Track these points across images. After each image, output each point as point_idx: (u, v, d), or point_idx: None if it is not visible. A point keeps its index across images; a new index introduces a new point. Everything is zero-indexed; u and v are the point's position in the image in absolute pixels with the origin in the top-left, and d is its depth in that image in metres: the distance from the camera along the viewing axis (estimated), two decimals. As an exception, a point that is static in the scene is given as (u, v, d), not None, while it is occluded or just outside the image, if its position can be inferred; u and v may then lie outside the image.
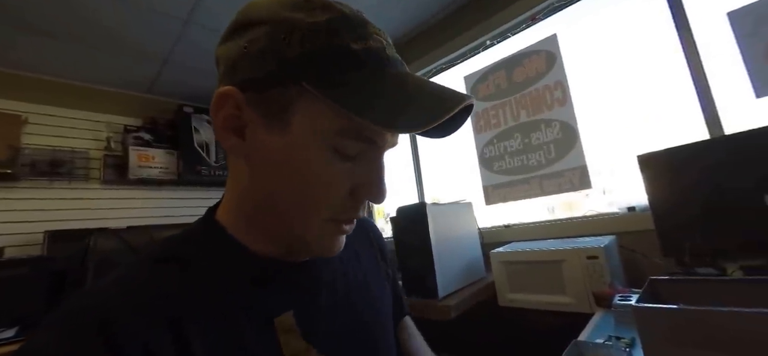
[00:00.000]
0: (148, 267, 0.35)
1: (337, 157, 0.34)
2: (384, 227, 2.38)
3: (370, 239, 0.57)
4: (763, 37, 1.10)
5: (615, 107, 1.43)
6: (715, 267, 0.94)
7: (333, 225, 0.36)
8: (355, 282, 0.47)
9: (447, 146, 2.03)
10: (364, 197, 0.36)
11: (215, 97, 0.33)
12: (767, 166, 0.89)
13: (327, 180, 0.34)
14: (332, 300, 0.42)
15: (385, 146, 0.36)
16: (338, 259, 0.46)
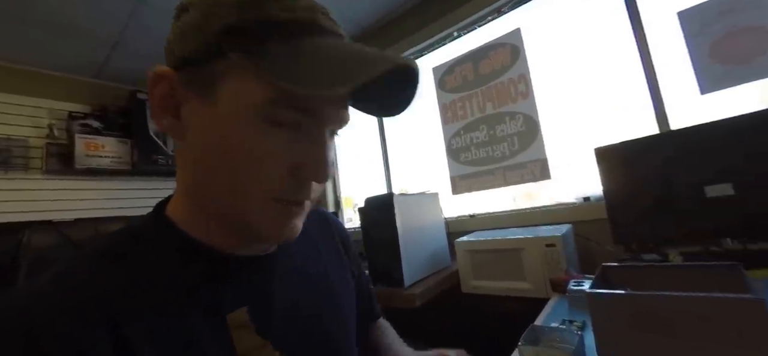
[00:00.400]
0: (89, 263, 0.33)
1: (272, 130, 0.32)
2: (353, 217, 2.37)
3: (333, 233, 0.56)
4: (709, 37, 1.18)
5: (574, 101, 1.49)
6: (659, 253, 1.01)
7: (279, 206, 0.34)
8: (315, 276, 0.46)
9: (416, 137, 2.03)
10: (307, 175, 0.34)
11: (149, 78, 0.34)
12: (709, 160, 0.96)
13: (260, 154, 0.32)
14: (290, 295, 0.41)
15: (327, 121, 0.35)
16: (298, 254, 0.45)
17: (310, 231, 0.50)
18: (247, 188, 0.33)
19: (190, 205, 0.37)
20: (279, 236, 0.36)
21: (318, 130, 0.34)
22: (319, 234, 0.52)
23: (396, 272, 1.24)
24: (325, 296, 0.46)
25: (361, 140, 2.30)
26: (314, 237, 0.51)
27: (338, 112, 0.35)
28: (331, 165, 0.35)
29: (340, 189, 2.46)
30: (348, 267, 0.55)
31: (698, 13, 1.20)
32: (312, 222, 0.52)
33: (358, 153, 2.36)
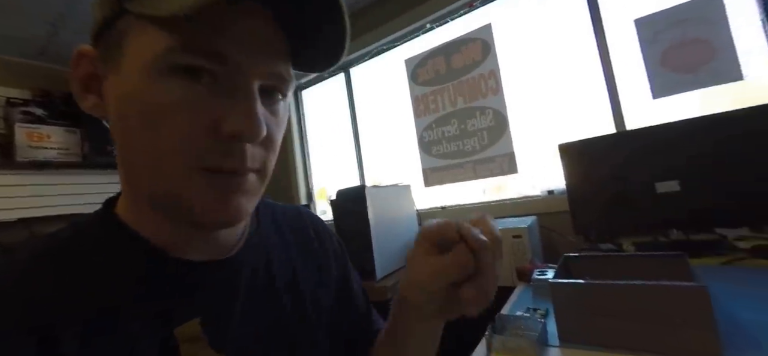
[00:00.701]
0: (20, 267, 0.29)
1: (180, 82, 0.27)
2: (327, 209, 2.34)
3: (311, 239, 0.49)
4: (661, 44, 1.27)
5: (540, 98, 1.55)
6: (614, 244, 1.08)
7: (210, 178, 0.29)
8: (283, 285, 0.41)
9: (389, 129, 2.03)
10: (230, 130, 0.28)
11: (71, 58, 0.31)
12: (659, 159, 1.04)
13: (169, 111, 0.27)
14: (251, 305, 0.37)
15: (250, 71, 0.29)
16: (263, 259, 0.41)
17: (285, 234, 0.46)
18: (164, 155, 0.28)
19: (132, 197, 0.33)
20: (216, 216, 0.30)
21: (241, 81, 0.29)
22: (295, 238, 0.47)
23: (368, 264, 1.25)
24: (293, 308, 0.41)
25: (335, 130, 2.27)
26: (289, 242, 0.45)
27: (262, 62, 0.30)
28: (261, 123, 0.29)
29: (312, 180, 2.42)
30: (331, 280, 0.48)
31: (652, 21, 1.28)
32: (290, 225, 0.47)
33: (331, 144, 2.33)
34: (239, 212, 0.31)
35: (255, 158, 0.31)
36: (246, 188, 0.31)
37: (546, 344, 0.63)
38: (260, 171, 0.32)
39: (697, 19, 1.21)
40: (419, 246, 0.34)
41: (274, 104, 0.32)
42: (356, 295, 0.52)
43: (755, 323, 0.58)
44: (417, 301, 0.36)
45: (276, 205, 0.49)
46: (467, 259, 0.31)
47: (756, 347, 0.51)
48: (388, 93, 2.02)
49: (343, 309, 0.48)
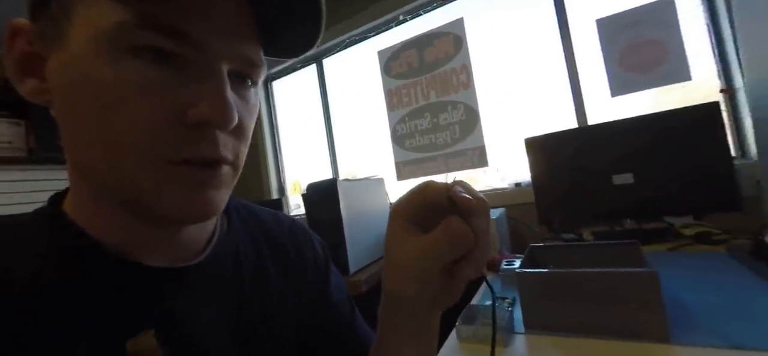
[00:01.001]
0: None
1: (141, 63, 0.24)
2: (300, 203, 2.30)
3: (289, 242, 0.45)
4: (619, 44, 1.34)
5: (509, 94, 1.60)
6: (575, 233, 1.14)
7: (174, 169, 0.26)
8: (253, 291, 0.37)
9: (362, 122, 2.02)
10: (199, 117, 0.25)
11: (4, 35, 0.27)
12: (615, 153, 1.11)
13: (131, 97, 0.24)
14: (218, 313, 0.33)
15: (219, 54, 0.27)
16: (230, 264, 0.36)
17: (259, 240, 0.41)
18: (124, 146, 0.25)
19: (82, 193, 0.30)
20: (185, 212, 0.27)
21: (209, 64, 0.26)
22: (269, 245, 0.42)
23: (341, 258, 1.24)
24: (264, 321, 0.37)
25: (307, 123, 2.23)
26: (263, 248, 0.41)
27: (231, 44, 0.27)
28: (233, 108, 0.26)
29: (284, 174, 2.37)
30: (307, 290, 0.44)
31: (612, 22, 1.35)
32: (265, 230, 0.44)
33: (303, 136, 2.29)
34: (211, 207, 0.28)
35: (227, 148, 0.28)
36: (218, 181, 0.28)
37: (513, 331, 0.65)
38: (233, 163, 0.30)
39: (652, 21, 1.28)
40: (395, 226, 0.30)
41: (244, 91, 0.30)
42: (336, 305, 0.47)
43: (697, 303, 0.63)
44: (406, 294, 0.31)
45: (252, 207, 0.45)
46: (465, 230, 0.26)
47: (697, 326, 0.56)
48: (361, 85, 2.00)
49: (321, 319, 0.44)
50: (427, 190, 0.29)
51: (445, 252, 0.27)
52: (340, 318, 0.47)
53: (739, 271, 0.75)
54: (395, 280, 0.31)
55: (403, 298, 0.32)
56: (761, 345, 0.49)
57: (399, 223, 0.30)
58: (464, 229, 0.26)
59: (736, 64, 1.15)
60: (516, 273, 0.68)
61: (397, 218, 0.30)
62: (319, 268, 0.47)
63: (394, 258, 0.31)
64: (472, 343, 0.65)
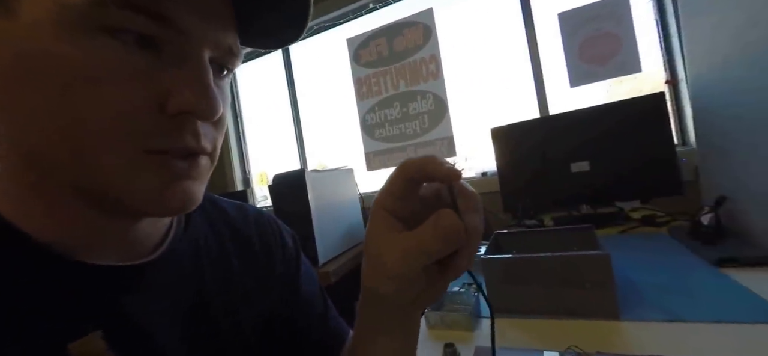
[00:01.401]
0: None
1: (115, 44, 0.22)
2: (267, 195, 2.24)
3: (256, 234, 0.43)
4: (578, 38, 1.40)
5: (477, 84, 1.63)
6: (537, 219, 1.20)
7: (152, 160, 0.24)
8: (214, 288, 0.35)
9: (331, 111, 1.99)
10: (182, 106, 0.24)
11: None
12: (573, 142, 1.17)
13: (103, 78, 0.22)
14: (174, 313, 0.31)
15: (200, 40, 0.25)
16: (190, 260, 0.34)
17: (222, 234, 0.39)
18: (93, 134, 0.22)
19: (17, 181, 0.26)
20: (163, 206, 0.25)
21: (190, 50, 0.25)
22: (234, 238, 0.41)
23: (310, 250, 1.23)
24: (227, 320, 0.35)
25: (274, 111, 2.16)
26: (226, 242, 0.39)
27: (213, 30, 0.26)
28: (217, 97, 0.25)
29: (249, 165, 2.29)
30: (274, 283, 0.42)
31: (572, 16, 1.40)
32: (229, 222, 0.41)
33: (270, 126, 2.21)
34: (190, 200, 0.27)
35: (207, 138, 0.27)
36: (197, 173, 0.27)
37: (479, 316, 0.68)
38: (210, 154, 0.28)
39: (608, 15, 1.35)
40: (377, 219, 0.28)
41: (220, 80, 0.29)
42: (308, 297, 0.45)
43: (643, 282, 0.69)
44: (384, 292, 0.29)
45: (215, 198, 0.43)
46: (459, 226, 0.24)
47: (643, 302, 0.61)
48: (330, 73, 1.96)
49: (291, 311, 0.43)
50: (408, 167, 0.27)
51: (433, 250, 0.25)
52: (311, 310, 0.45)
53: (679, 250, 0.82)
54: (374, 278, 0.29)
55: (381, 296, 0.30)
56: (698, 317, 0.54)
57: (381, 215, 0.28)
58: (458, 225, 0.24)
59: (680, 57, 1.24)
60: (482, 259, 0.70)
61: (379, 209, 0.28)
62: (289, 260, 0.45)
63: (374, 255, 0.28)
64: (440, 329, 0.66)
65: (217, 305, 0.35)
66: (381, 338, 0.33)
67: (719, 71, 0.86)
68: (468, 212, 0.25)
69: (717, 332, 0.51)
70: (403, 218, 0.28)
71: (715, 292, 0.61)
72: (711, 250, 0.75)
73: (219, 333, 0.34)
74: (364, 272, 0.31)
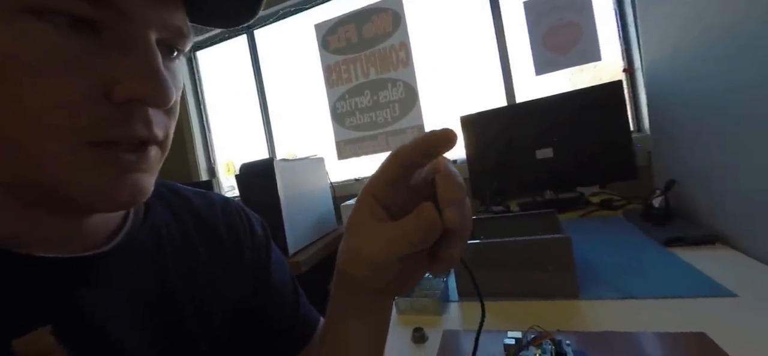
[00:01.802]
0: None
1: (52, 28, 0.21)
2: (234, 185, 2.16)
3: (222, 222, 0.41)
4: (543, 27, 1.43)
5: (447, 73, 1.64)
6: (503, 205, 1.23)
7: (99, 152, 0.23)
8: (178, 280, 0.34)
9: (301, 99, 1.94)
10: (130, 93, 0.22)
11: None
12: (538, 129, 1.20)
13: (44, 68, 0.21)
14: (134, 306, 0.30)
15: (144, 22, 0.23)
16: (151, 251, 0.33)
17: (186, 223, 0.38)
18: (33, 126, 0.21)
19: None
20: (111, 200, 0.24)
21: (135, 32, 0.23)
22: (199, 228, 0.39)
23: (279, 240, 1.20)
24: (194, 312, 0.34)
25: (240, 99, 2.07)
26: (190, 232, 0.38)
27: (158, 10, 0.24)
28: (169, 83, 0.24)
29: (214, 154, 2.19)
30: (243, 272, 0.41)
31: (537, 5, 1.43)
32: (194, 211, 0.40)
33: (236, 114, 2.12)
34: (140, 192, 0.26)
35: (159, 126, 0.25)
36: (147, 164, 0.26)
37: (447, 300, 0.69)
38: (162, 143, 0.27)
39: (570, 5, 1.39)
40: (364, 206, 0.28)
41: (170, 62, 0.27)
42: (278, 286, 0.44)
43: (600, 262, 0.72)
44: (358, 276, 0.28)
45: (177, 187, 0.41)
46: (436, 221, 0.24)
47: (600, 282, 0.65)
48: (298, 60, 1.90)
49: (262, 300, 0.42)
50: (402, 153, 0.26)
51: (415, 242, 0.24)
52: (282, 298, 0.44)
53: (633, 232, 0.87)
54: (351, 262, 0.29)
55: (355, 280, 0.29)
56: (648, 294, 0.58)
57: (368, 202, 0.27)
58: (436, 221, 0.24)
59: (637, 47, 1.30)
60: (450, 246, 0.71)
61: (367, 196, 0.28)
62: (259, 248, 0.44)
63: (355, 241, 0.28)
64: (409, 314, 0.67)
65: (182, 294, 0.34)
66: (353, 320, 0.33)
67: (669, 61, 0.91)
68: (448, 205, 0.24)
69: (664, 307, 0.54)
70: (389, 206, 0.27)
71: (663, 270, 0.66)
72: (661, 231, 0.80)
73: (184, 322, 0.33)
74: (340, 255, 0.30)
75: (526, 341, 0.47)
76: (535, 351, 0.45)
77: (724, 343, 0.43)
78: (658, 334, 0.47)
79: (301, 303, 0.46)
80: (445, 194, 0.25)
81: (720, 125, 0.73)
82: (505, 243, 0.66)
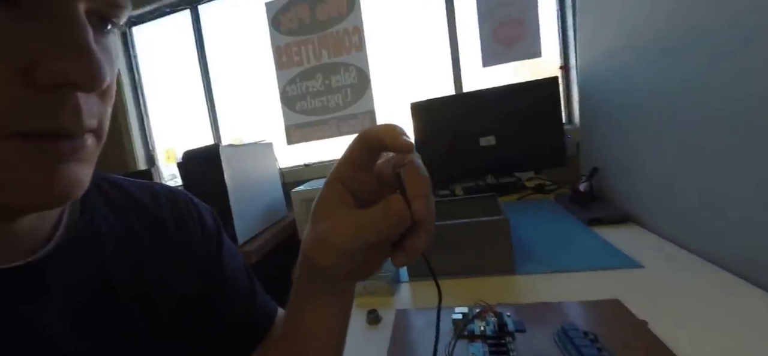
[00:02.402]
0: None
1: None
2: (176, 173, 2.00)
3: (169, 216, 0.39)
4: (493, 21, 1.50)
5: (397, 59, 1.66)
6: (449, 189, 1.30)
7: (25, 144, 0.20)
8: (123, 283, 0.32)
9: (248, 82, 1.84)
10: (56, 76, 0.19)
11: None
12: (482, 117, 1.27)
13: None
14: (73, 306, 0.28)
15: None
16: (90, 254, 0.30)
17: (128, 218, 0.35)
18: None
19: None
20: (43, 197, 0.22)
21: (61, 4, 0.20)
22: (143, 224, 0.36)
23: (228, 230, 1.14)
24: (143, 315, 0.32)
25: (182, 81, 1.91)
26: (134, 229, 0.35)
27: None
28: (101, 62, 0.20)
29: (153, 140, 2.01)
30: (194, 268, 0.39)
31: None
32: (136, 205, 0.37)
33: (177, 97, 1.96)
34: (76, 186, 0.23)
35: (91, 113, 0.22)
36: (82, 154, 0.22)
37: (399, 281, 0.72)
38: (97, 131, 0.24)
39: (518, 2, 1.47)
40: (331, 191, 0.28)
41: (103, 37, 0.23)
42: (233, 277, 0.43)
43: (533, 240, 0.80)
44: (325, 263, 0.28)
45: (116, 179, 0.38)
46: (406, 214, 0.24)
47: (532, 258, 0.72)
48: (247, 40, 1.80)
49: (215, 293, 0.40)
50: (367, 136, 0.26)
51: (383, 232, 0.25)
52: (237, 290, 0.43)
53: (562, 213, 0.97)
54: (317, 249, 0.29)
55: (319, 266, 0.29)
56: (574, 267, 0.65)
57: (336, 188, 0.28)
58: (405, 213, 0.24)
59: (573, 47, 1.42)
60: (401, 230, 0.74)
61: (335, 182, 0.28)
62: (210, 239, 0.42)
63: (322, 227, 0.28)
64: (363, 297, 0.69)
65: (126, 292, 0.31)
66: (317, 305, 0.33)
67: (600, 62, 1.01)
68: (416, 198, 0.25)
69: (586, 278, 0.62)
70: (356, 191, 0.28)
71: (586, 246, 0.74)
72: (585, 212, 0.90)
73: (129, 320, 0.31)
74: (306, 240, 0.30)
75: (472, 315, 0.51)
76: (480, 324, 0.49)
77: (633, 307, 0.50)
78: (580, 302, 0.54)
79: (256, 294, 0.45)
80: (412, 187, 0.25)
81: (636, 122, 0.83)
82: (451, 226, 0.70)
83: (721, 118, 0.57)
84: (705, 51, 0.59)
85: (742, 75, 0.52)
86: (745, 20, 0.50)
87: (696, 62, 0.62)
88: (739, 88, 0.53)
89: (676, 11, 0.64)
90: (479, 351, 0.44)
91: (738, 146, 0.54)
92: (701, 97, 0.61)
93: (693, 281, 0.56)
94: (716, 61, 0.57)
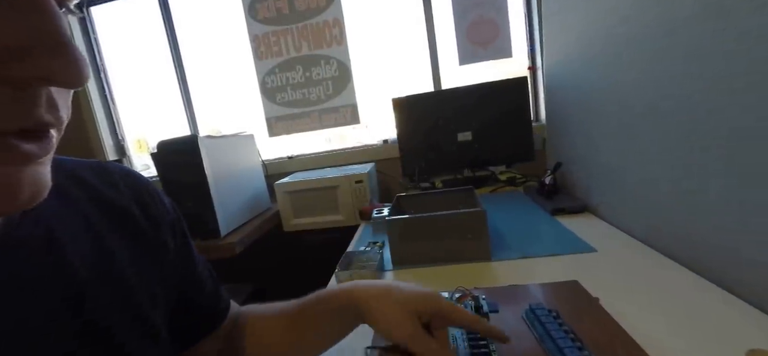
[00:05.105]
0: None
1: None
2: (149, 164, 1.93)
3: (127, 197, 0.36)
4: (468, 19, 1.56)
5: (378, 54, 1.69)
6: (430, 182, 1.36)
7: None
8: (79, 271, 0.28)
9: (226, 71, 1.80)
10: (33, 71, 0.17)
11: None
12: (460, 114, 1.34)
13: None
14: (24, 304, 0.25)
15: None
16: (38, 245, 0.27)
17: (80, 204, 0.31)
18: None
19: None
20: (11, 201, 0.19)
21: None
22: (99, 209, 0.33)
23: (210, 222, 1.16)
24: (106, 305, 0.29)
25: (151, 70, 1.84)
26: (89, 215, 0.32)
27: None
28: (82, 56, 0.19)
29: (122, 129, 1.93)
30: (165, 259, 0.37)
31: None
32: (88, 190, 0.33)
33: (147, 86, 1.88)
34: (41, 186, 0.20)
35: (63, 108, 0.20)
36: (48, 152, 0.20)
37: (383, 270, 0.77)
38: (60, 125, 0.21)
39: (491, 3, 1.54)
40: (406, 313, 0.37)
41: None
42: (200, 268, 0.43)
43: (506, 230, 0.88)
44: (375, 329, 0.39)
45: (64, 162, 0.33)
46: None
47: (505, 245, 0.79)
48: (223, 28, 1.75)
49: (185, 284, 0.40)
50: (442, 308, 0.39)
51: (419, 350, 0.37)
52: (203, 278, 0.43)
53: (530, 204, 1.06)
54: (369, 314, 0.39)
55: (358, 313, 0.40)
56: (540, 253, 0.74)
57: (411, 314, 0.38)
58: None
59: (540, 49, 1.51)
60: (385, 220, 0.79)
61: (412, 315, 0.38)
62: (176, 229, 0.40)
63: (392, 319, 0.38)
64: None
65: (93, 292, 0.29)
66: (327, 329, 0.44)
67: (563, 64, 1.09)
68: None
69: (550, 262, 0.70)
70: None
71: (551, 234, 0.83)
72: (549, 203, 0.99)
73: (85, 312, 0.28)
74: (368, 298, 0.39)
75: (453, 300, 0.57)
76: (459, 307, 0.55)
77: (588, 286, 0.58)
78: (544, 284, 0.62)
79: (219, 287, 0.46)
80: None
81: (591, 119, 0.92)
82: (432, 218, 0.76)
83: (660, 114, 0.66)
84: (645, 54, 0.68)
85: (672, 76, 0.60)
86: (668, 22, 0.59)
87: (637, 66, 0.70)
88: (671, 90, 0.61)
89: (629, 18, 0.72)
90: (459, 334, 0.50)
91: (672, 143, 0.63)
92: (645, 96, 0.70)
93: (637, 264, 0.66)
94: (651, 64, 0.66)
